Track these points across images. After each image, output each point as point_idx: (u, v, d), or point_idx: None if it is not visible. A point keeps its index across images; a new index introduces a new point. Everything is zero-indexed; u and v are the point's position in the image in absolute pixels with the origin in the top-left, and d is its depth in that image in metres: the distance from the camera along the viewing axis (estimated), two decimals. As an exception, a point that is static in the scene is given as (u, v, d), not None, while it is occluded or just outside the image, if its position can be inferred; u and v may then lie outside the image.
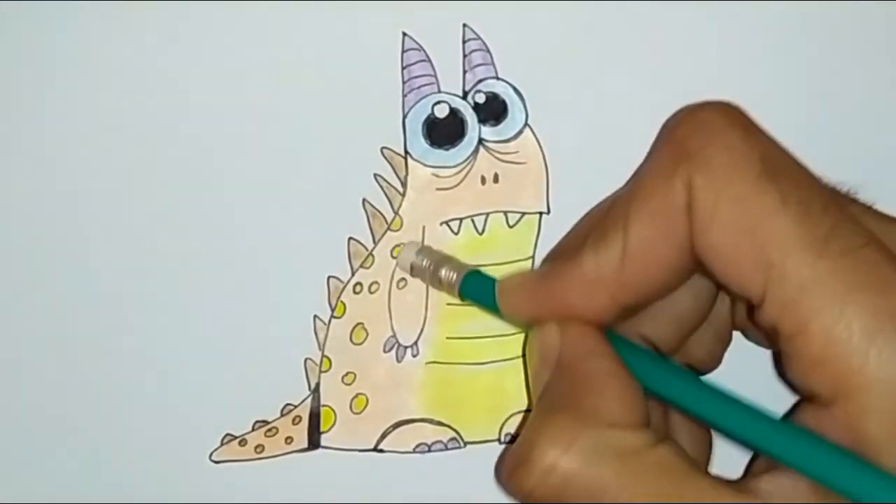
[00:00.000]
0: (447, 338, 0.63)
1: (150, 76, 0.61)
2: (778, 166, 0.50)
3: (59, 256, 0.62)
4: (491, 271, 0.63)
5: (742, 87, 0.63)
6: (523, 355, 0.63)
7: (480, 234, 0.63)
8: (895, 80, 0.64)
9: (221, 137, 0.62)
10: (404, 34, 0.62)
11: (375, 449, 0.64)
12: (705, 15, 0.63)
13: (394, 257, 0.63)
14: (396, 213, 0.63)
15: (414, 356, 0.63)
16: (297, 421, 0.63)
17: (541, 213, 0.63)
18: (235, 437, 0.63)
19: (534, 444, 0.49)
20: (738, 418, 0.51)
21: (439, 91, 0.62)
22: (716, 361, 0.60)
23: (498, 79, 0.63)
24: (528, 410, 0.63)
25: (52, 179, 0.61)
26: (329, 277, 0.63)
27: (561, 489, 0.48)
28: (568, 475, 0.48)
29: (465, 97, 0.63)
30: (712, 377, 0.62)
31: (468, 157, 0.63)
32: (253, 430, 0.63)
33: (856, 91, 0.64)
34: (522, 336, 0.63)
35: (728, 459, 0.57)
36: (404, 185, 0.63)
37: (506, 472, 0.50)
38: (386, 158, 0.63)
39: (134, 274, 0.62)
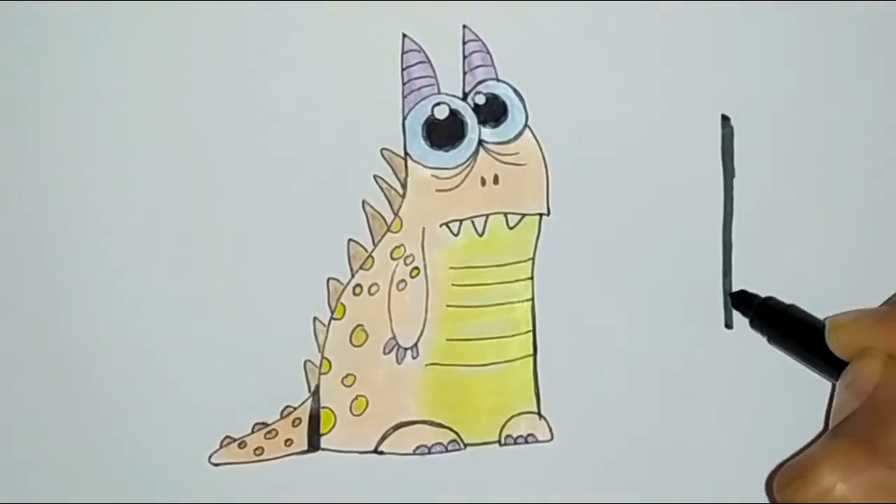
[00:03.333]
0: (447, 339, 0.63)
1: (149, 77, 0.61)
2: None
3: (58, 257, 0.62)
4: (491, 273, 0.63)
5: (742, 87, 0.63)
6: (525, 354, 0.63)
7: (480, 235, 0.63)
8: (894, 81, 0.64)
9: (221, 138, 0.62)
10: (404, 35, 0.62)
11: (375, 451, 0.63)
12: (705, 16, 0.63)
13: (393, 259, 0.63)
14: (396, 214, 0.63)
15: (414, 358, 0.63)
16: (296, 423, 0.63)
17: (541, 215, 0.63)
18: (235, 440, 0.63)
19: (819, 464, 0.50)
20: None
21: (439, 92, 0.62)
22: None
23: (498, 80, 0.63)
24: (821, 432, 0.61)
25: (53, 179, 0.61)
26: (329, 279, 0.63)
27: None
28: (842, 502, 0.49)
29: (465, 98, 0.63)
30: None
31: (468, 159, 0.63)
32: (252, 432, 0.63)
33: (856, 91, 0.64)
34: (522, 338, 0.63)
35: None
36: (404, 186, 0.63)
37: (782, 482, 0.52)
38: (386, 159, 0.62)
39: (133, 275, 0.62)
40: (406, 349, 0.63)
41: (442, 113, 0.62)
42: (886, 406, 0.52)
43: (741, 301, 0.63)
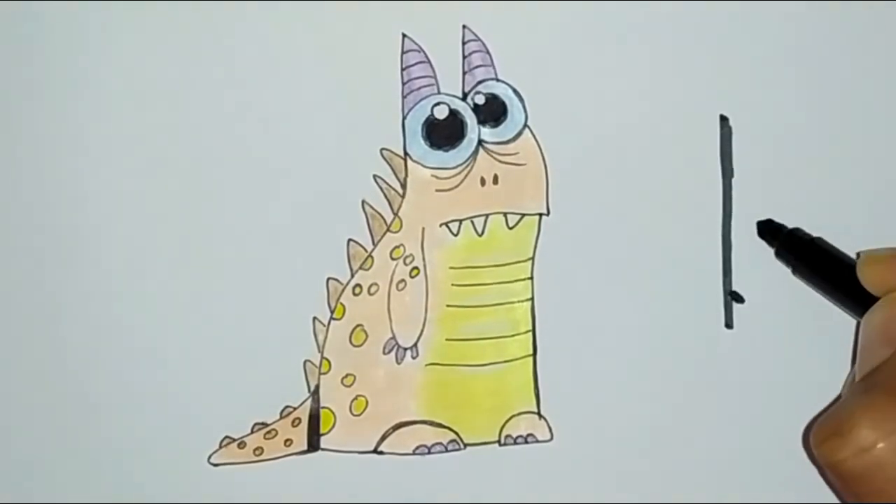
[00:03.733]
0: (447, 339, 0.63)
1: (150, 77, 0.61)
2: None
3: (58, 258, 0.62)
4: (490, 273, 0.63)
5: (741, 87, 0.63)
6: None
7: (480, 235, 0.63)
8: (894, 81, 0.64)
9: (220, 138, 0.62)
10: (404, 35, 0.62)
11: (375, 451, 0.63)
12: (704, 16, 0.63)
13: (393, 259, 0.63)
14: (396, 214, 0.63)
15: (414, 358, 0.63)
16: (296, 423, 0.63)
17: (540, 215, 0.63)
18: (234, 440, 0.63)
19: (857, 421, 0.49)
20: None
21: (439, 92, 0.62)
22: None
23: (497, 80, 0.63)
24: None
25: (54, 180, 0.61)
26: (328, 279, 0.63)
27: (870, 470, 0.48)
28: (882, 460, 0.48)
29: (464, 98, 0.63)
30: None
31: (468, 159, 0.63)
32: (252, 432, 0.63)
33: (854, 91, 0.64)
34: (522, 338, 0.63)
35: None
36: (404, 186, 0.63)
37: (819, 437, 0.50)
38: (385, 159, 0.63)
39: (133, 275, 0.62)
40: (406, 349, 0.63)
41: (441, 113, 0.62)
42: None
43: (767, 231, 0.62)
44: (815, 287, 0.60)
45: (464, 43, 0.62)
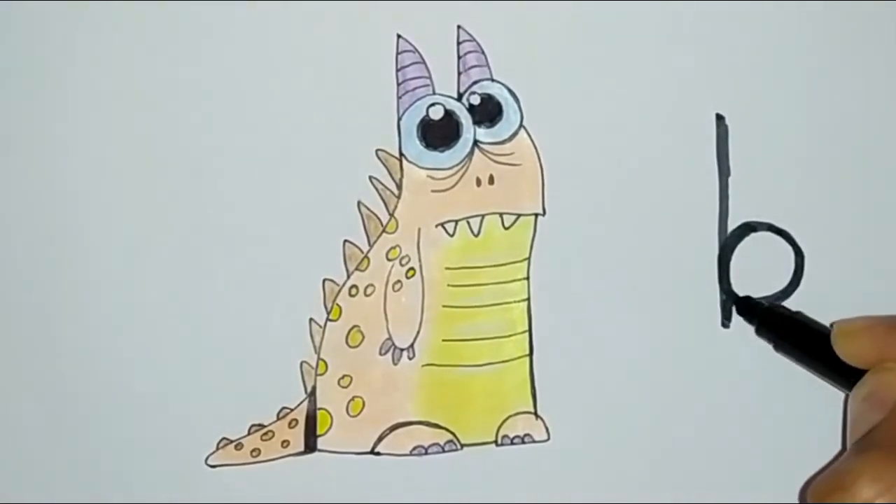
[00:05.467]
0: (443, 340, 0.63)
1: (146, 78, 0.61)
2: None
3: (56, 259, 0.62)
4: (486, 273, 0.63)
5: (739, 87, 0.63)
6: (521, 355, 0.63)
7: (476, 235, 0.63)
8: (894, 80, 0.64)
9: (215, 139, 0.62)
10: (399, 36, 0.62)
11: (372, 452, 0.63)
12: (699, 15, 0.63)
13: (389, 259, 0.63)
14: (392, 215, 0.63)
15: (410, 358, 0.63)
16: (293, 424, 0.63)
17: (536, 215, 0.63)
18: (231, 441, 0.63)
19: (857, 477, 0.51)
20: None
21: (434, 93, 0.62)
22: None
23: (493, 80, 0.63)
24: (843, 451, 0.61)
25: (51, 180, 0.61)
26: (324, 280, 0.63)
27: None
28: None
29: (459, 99, 0.63)
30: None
31: (463, 159, 0.63)
32: (249, 433, 0.63)
33: (851, 89, 0.64)
34: (518, 338, 0.63)
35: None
36: (399, 186, 0.63)
37: (820, 492, 0.52)
38: (381, 160, 0.62)
39: (129, 277, 0.62)
40: (402, 350, 0.63)
41: (437, 113, 0.62)
42: None
43: (746, 308, 0.63)
44: (799, 362, 0.60)
45: (459, 43, 0.62)
